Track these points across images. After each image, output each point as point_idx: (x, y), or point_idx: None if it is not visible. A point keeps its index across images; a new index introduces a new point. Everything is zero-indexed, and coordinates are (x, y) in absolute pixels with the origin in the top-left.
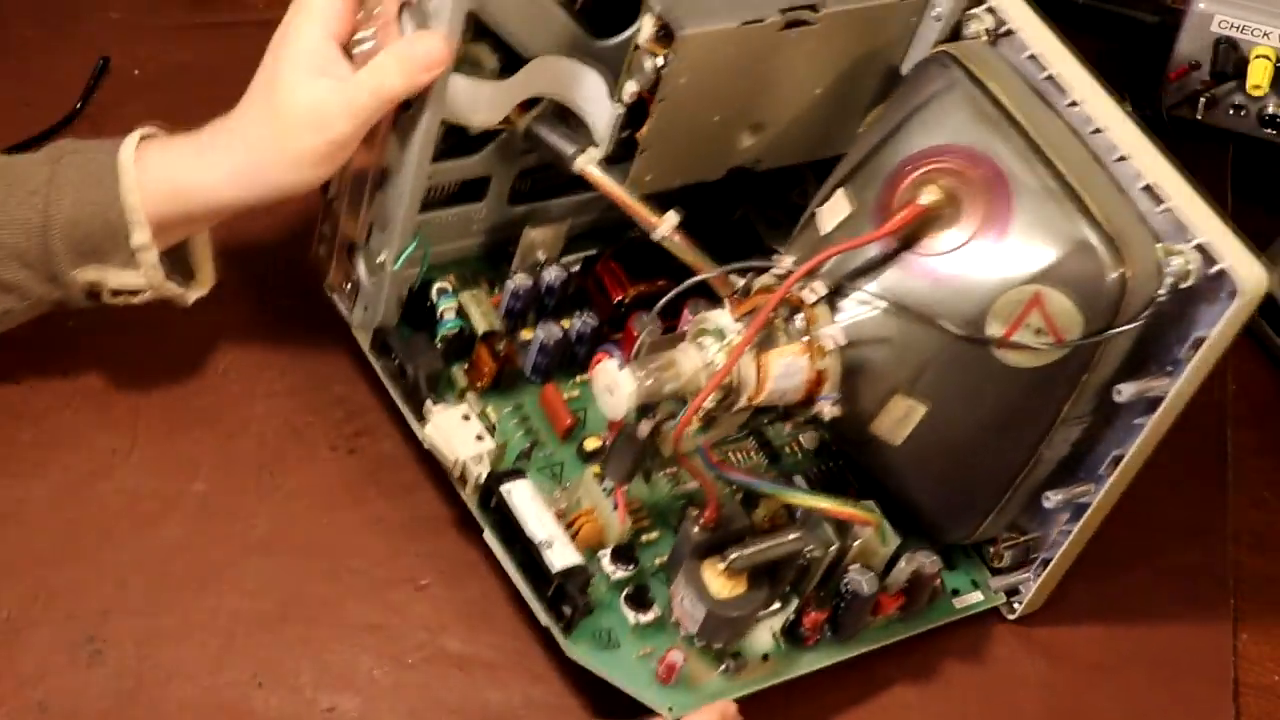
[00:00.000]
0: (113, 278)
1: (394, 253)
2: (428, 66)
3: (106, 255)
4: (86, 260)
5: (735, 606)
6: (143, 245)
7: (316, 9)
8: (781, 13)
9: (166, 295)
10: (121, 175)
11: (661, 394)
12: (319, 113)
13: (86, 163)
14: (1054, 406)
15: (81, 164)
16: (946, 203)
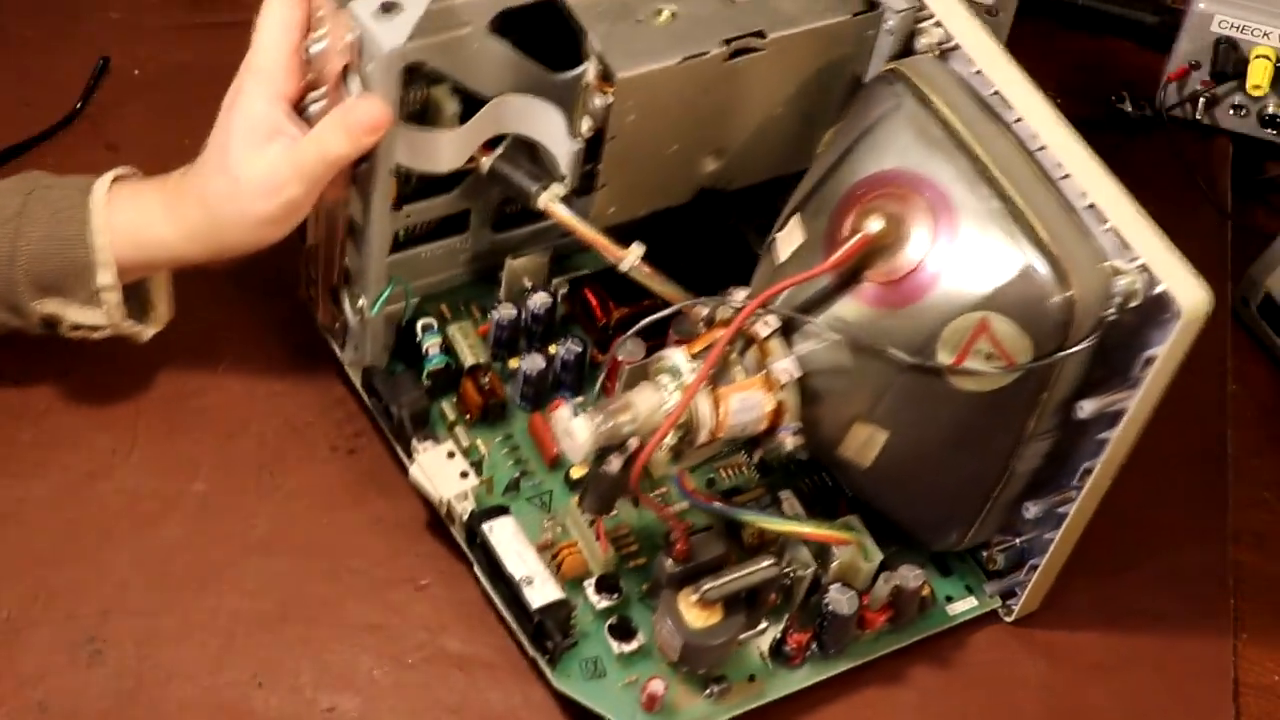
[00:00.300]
0: (73, 313)
1: (370, 299)
2: (370, 129)
3: (69, 291)
4: (48, 294)
5: (712, 635)
6: (106, 286)
7: (263, 73)
8: (725, 43)
9: (124, 333)
10: (92, 215)
11: (620, 435)
12: (270, 177)
13: (58, 199)
14: (1017, 425)
15: (53, 199)
16: (893, 231)
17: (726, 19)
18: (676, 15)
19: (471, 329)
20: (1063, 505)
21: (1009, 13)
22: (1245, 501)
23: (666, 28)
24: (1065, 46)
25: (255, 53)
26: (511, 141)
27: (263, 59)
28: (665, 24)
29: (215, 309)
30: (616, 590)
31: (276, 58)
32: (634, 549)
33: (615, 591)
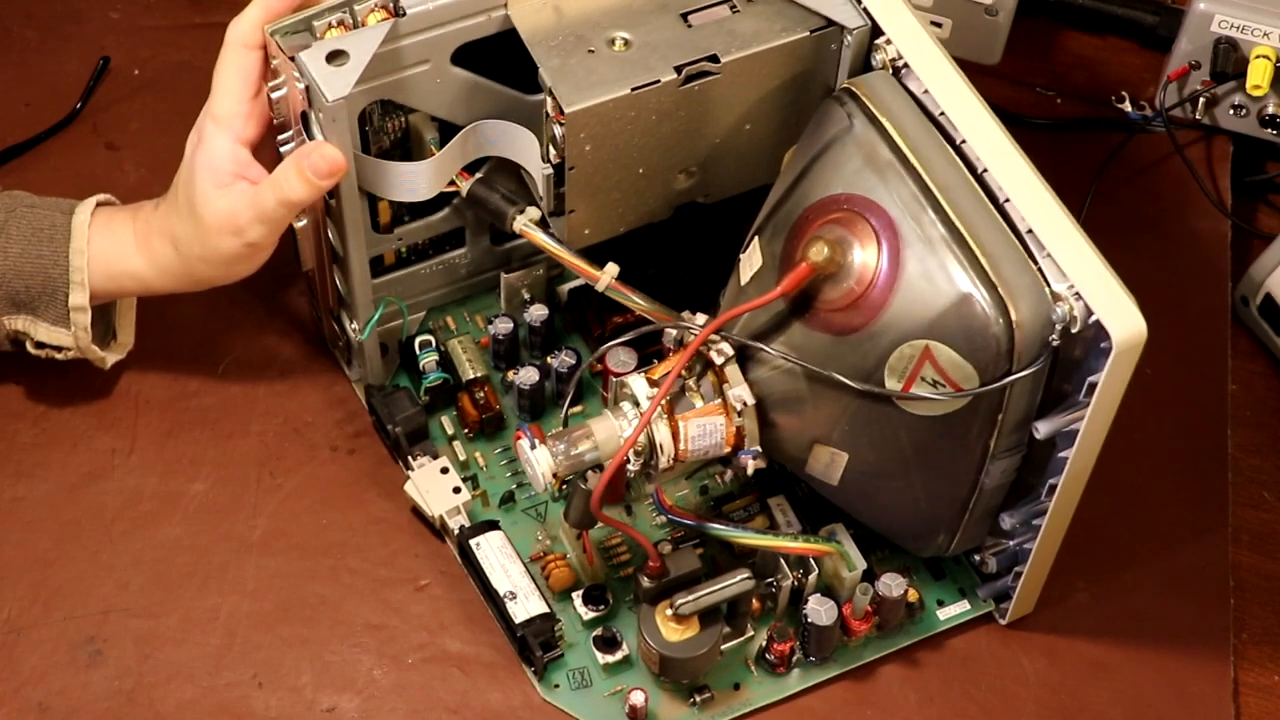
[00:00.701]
0: (41, 331)
1: (360, 323)
2: (326, 174)
3: (40, 309)
4: (19, 310)
5: (689, 648)
6: (79, 306)
7: (223, 119)
8: (677, 70)
9: (88, 356)
10: (73, 236)
11: (583, 463)
12: (233, 220)
13: (39, 218)
14: (977, 445)
15: (35, 219)
16: (838, 258)
17: (681, 44)
18: (630, 43)
19: (471, 343)
20: (1038, 516)
21: (1008, 13)
22: (1245, 501)
23: (619, 56)
24: (1065, 46)
25: (215, 99)
26: (493, 164)
27: (221, 105)
28: (619, 53)
29: (215, 309)
30: (603, 601)
31: (235, 104)
32: (624, 559)
33: (602, 603)
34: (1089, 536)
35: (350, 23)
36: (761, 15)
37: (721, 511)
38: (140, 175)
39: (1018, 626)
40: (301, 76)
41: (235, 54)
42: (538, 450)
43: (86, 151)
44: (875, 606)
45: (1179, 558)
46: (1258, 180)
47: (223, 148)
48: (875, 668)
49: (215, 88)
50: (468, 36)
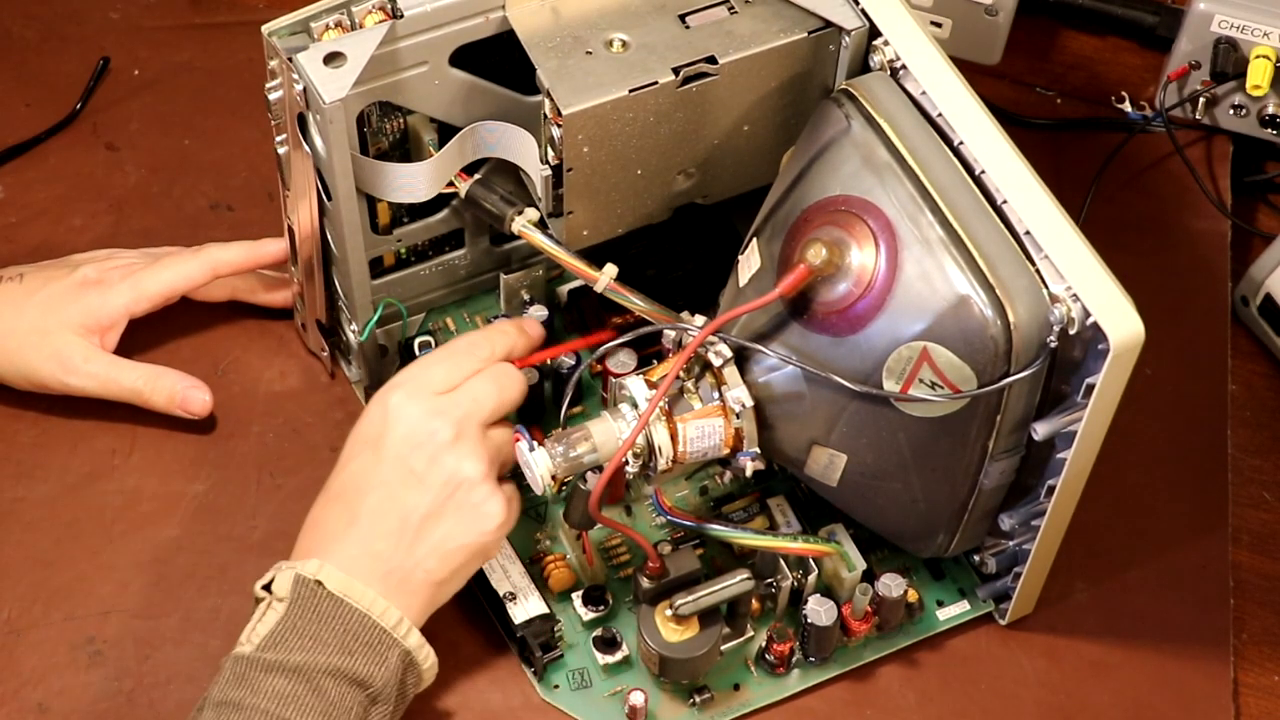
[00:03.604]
0: None
1: (360, 324)
2: (192, 414)
3: None
4: None
5: (688, 649)
6: None
7: (142, 297)
8: (675, 72)
9: None
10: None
11: (582, 465)
12: (70, 360)
13: None
14: (976, 446)
15: None
16: (836, 260)
17: (679, 45)
18: (628, 44)
19: None
20: (1037, 517)
21: (1008, 13)
22: (1245, 501)
23: (617, 58)
24: (1065, 46)
25: (149, 276)
26: (492, 165)
27: (150, 285)
28: (616, 54)
29: (215, 309)
30: (603, 602)
31: (158, 293)
32: (624, 560)
33: (602, 603)
34: (1089, 536)
35: (348, 24)
36: (759, 16)
37: (721, 512)
38: (140, 175)
39: (1017, 627)
40: (299, 78)
41: (197, 268)
42: (536, 452)
43: (86, 152)
44: (875, 607)
45: (1179, 558)
46: (1258, 180)
47: (117, 306)
48: (875, 668)
49: (159, 270)
50: (466, 38)
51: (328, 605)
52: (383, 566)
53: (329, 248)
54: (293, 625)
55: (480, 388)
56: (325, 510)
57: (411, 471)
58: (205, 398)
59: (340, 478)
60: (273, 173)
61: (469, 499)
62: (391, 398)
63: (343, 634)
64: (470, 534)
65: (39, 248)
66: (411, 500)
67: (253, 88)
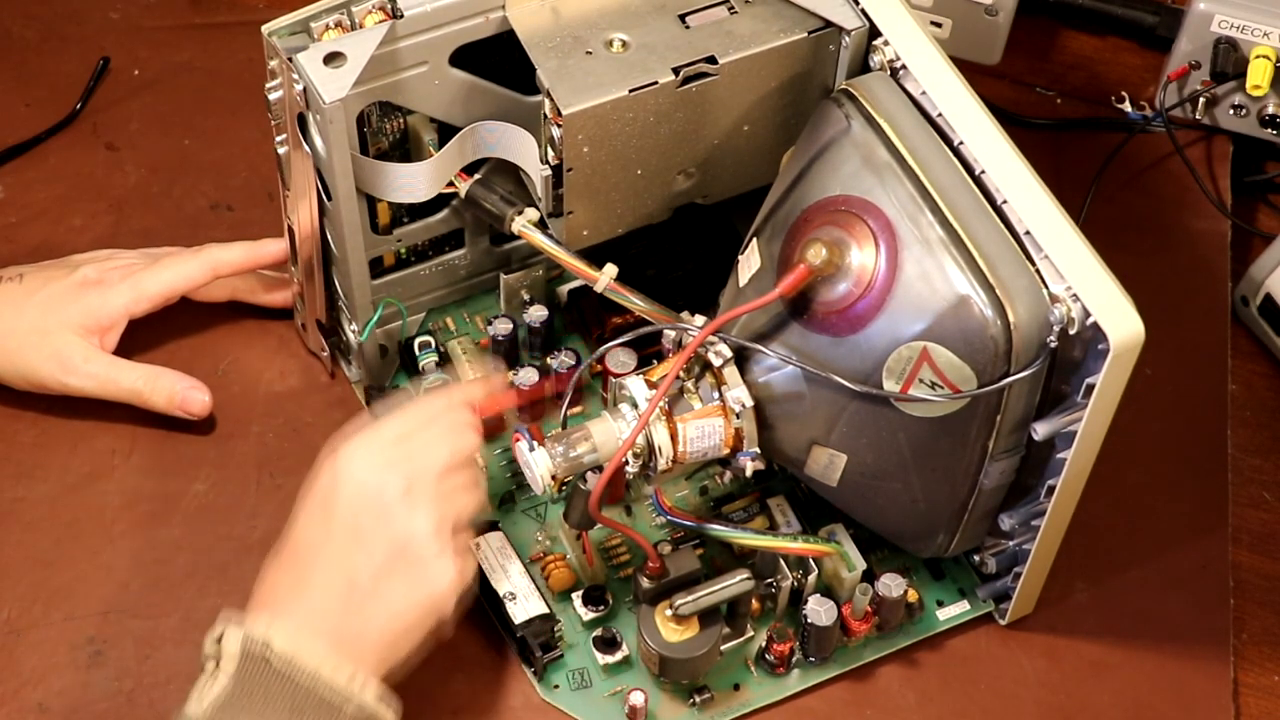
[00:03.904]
0: None
1: (360, 324)
2: (191, 414)
3: None
4: None
5: (688, 648)
6: None
7: (142, 297)
8: (675, 72)
9: None
10: None
11: (582, 465)
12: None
13: None
14: (975, 446)
15: None
16: (836, 260)
17: (679, 45)
18: (628, 44)
19: (471, 344)
20: (1037, 517)
21: (1008, 13)
22: (1245, 501)
23: (617, 58)
24: (1065, 46)
25: (150, 276)
26: (492, 165)
27: (150, 285)
28: (616, 54)
29: (215, 310)
30: (603, 602)
31: (158, 293)
32: (624, 560)
33: (602, 603)
34: (1089, 536)
35: (348, 24)
36: (759, 16)
37: (721, 512)
38: (140, 175)
39: (1017, 627)
40: (299, 78)
41: (197, 268)
42: (536, 452)
43: (86, 151)
44: (875, 607)
45: (1179, 558)
46: (1258, 180)
47: (117, 306)
48: (875, 668)
49: (159, 270)
50: (466, 38)
51: (272, 679)
52: (332, 628)
53: (329, 248)
54: (242, 688)
55: (432, 436)
56: (277, 572)
57: (359, 531)
58: (205, 398)
59: (291, 538)
60: (273, 173)
61: (418, 557)
62: (341, 453)
63: (293, 695)
64: (419, 593)
65: (39, 248)
66: (359, 561)
67: (253, 88)
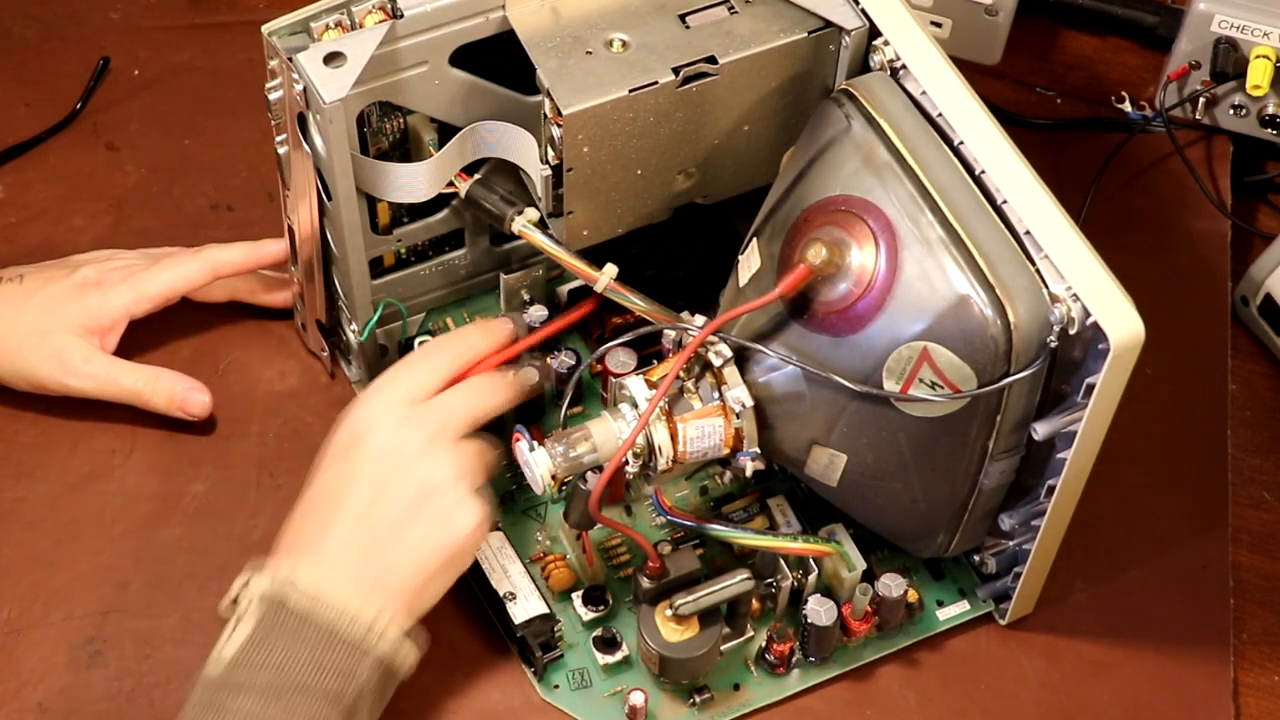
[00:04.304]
0: None
1: (360, 324)
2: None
3: None
4: None
5: (688, 648)
6: None
7: (142, 297)
8: (675, 72)
9: None
10: None
11: (582, 465)
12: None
13: None
14: (975, 446)
15: None
16: (836, 260)
17: (679, 45)
18: (628, 44)
19: None
20: (1037, 517)
21: (1008, 13)
22: (1245, 501)
23: (617, 58)
24: (1065, 46)
25: (150, 276)
26: (492, 165)
27: (150, 286)
28: (616, 54)
29: (215, 310)
30: (603, 602)
31: (158, 294)
32: (624, 560)
33: (602, 603)
34: (1089, 536)
35: (348, 24)
36: (759, 16)
37: (721, 512)
38: (140, 175)
39: (1017, 627)
40: (299, 78)
41: (197, 269)
42: (536, 452)
43: (86, 152)
44: (875, 607)
45: (1179, 558)
46: (1258, 180)
47: (117, 307)
48: (875, 668)
49: (160, 271)
50: (466, 38)
51: (295, 621)
52: (356, 574)
53: (329, 248)
54: (261, 642)
55: (453, 398)
56: (299, 521)
57: (383, 480)
58: (205, 399)
59: (314, 488)
60: (273, 173)
61: (440, 505)
62: (363, 409)
63: (313, 648)
64: (442, 540)
65: (39, 248)
66: (383, 508)
67: (253, 88)
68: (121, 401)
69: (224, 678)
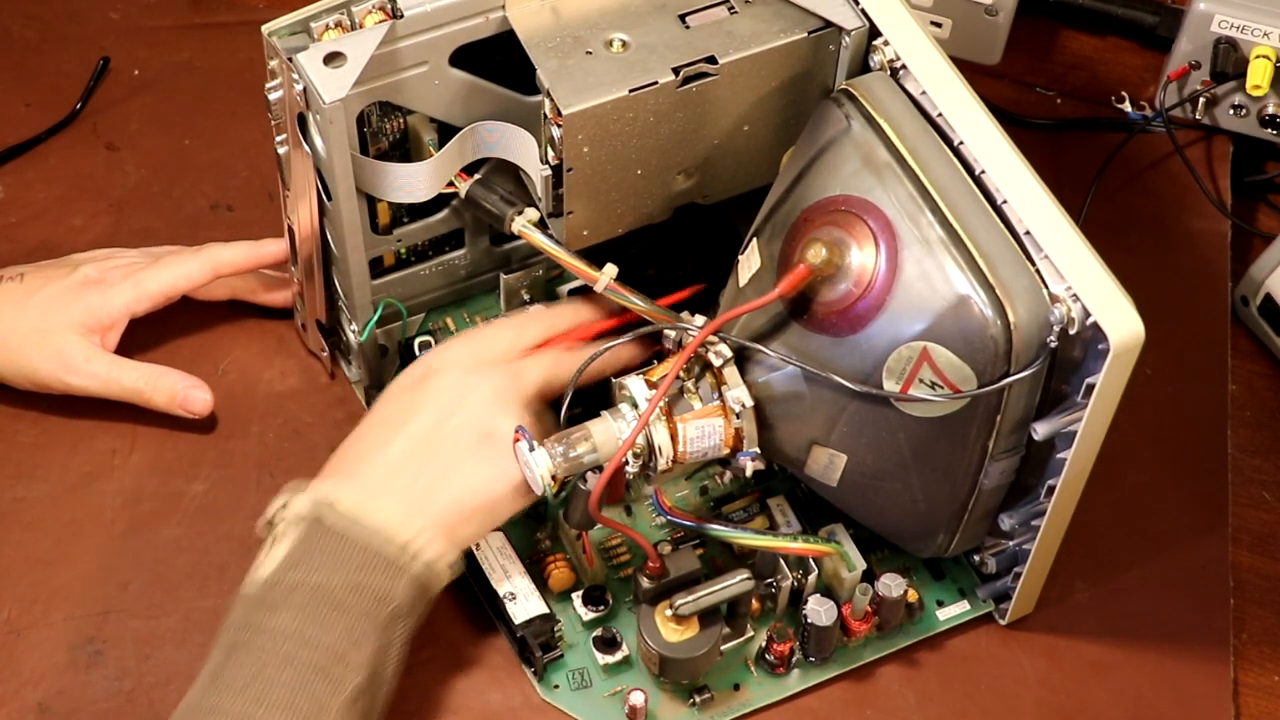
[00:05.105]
0: None
1: (360, 325)
2: (193, 413)
3: None
4: None
5: (688, 648)
6: None
7: (143, 295)
8: (675, 72)
9: None
10: None
11: (582, 465)
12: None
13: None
14: (975, 446)
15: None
16: (836, 260)
17: (679, 45)
18: (628, 44)
19: None
20: (1037, 517)
21: (1008, 13)
22: (1245, 501)
23: (617, 58)
24: (1065, 46)
25: (151, 274)
26: (492, 165)
27: (151, 283)
28: (616, 54)
29: (215, 309)
30: (603, 602)
31: (160, 290)
32: (624, 560)
33: (602, 603)
34: (1089, 536)
35: (348, 24)
36: (759, 16)
37: (721, 512)
38: (140, 175)
39: (1017, 627)
40: (299, 78)
41: (198, 268)
42: (536, 452)
43: (86, 152)
44: (875, 607)
45: (1179, 558)
46: (1258, 180)
47: (118, 305)
48: (875, 668)
49: (160, 269)
50: (466, 38)
51: (333, 540)
52: (400, 495)
53: (329, 248)
54: (306, 548)
55: (529, 363)
56: (355, 442)
57: (446, 415)
58: (206, 397)
59: (375, 414)
60: (273, 173)
61: (494, 451)
62: (440, 352)
63: (349, 566)
64: (491, 483)
65: (39, 248)
66: (441, 440)
67: (253, 88)
68: (123, 400)
69: (260, 596)
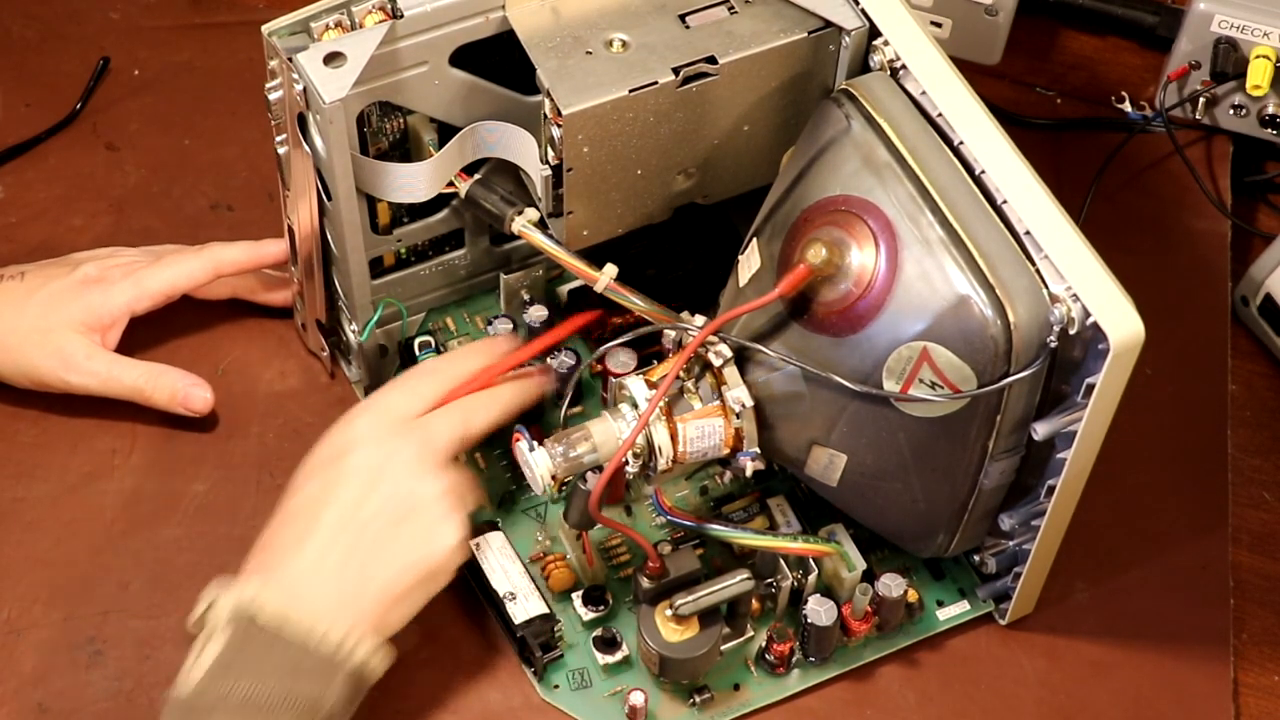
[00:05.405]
0: None
1: (360, 325)
2: (193, 411)
3: None
4: None
5: (688, 649)
6: None
7: (145, 294)
8: (675, 72)
9: None
10: None
11: (582, 465)
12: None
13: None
14: (975, 446)
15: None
16: (836, 260)
17: (679, 45)
18: (628, 44)
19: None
20: (1037, 517)
21: (1008, 13)
22: (1245, 501)
23: (617, 58)
24: (1065, 46)
25: (153, 272)
26: (492, 165)
27: (153, 282)
28: (616, 54)
29: (216, 309)
30: (603, 602)
31: (162, 289)
32: (624, 560)
33: (602, 603)
34: (1089, 536)
35: (348, 24)
36: (759, 16)
37: (721, 512)
38: (140, 175)
39: (1017, 627)
40: (299, 78)
41: (199, 267)
42: (536, 452)
43: (86, 151)
44: (875, 607)
45: (1179, 558)
46: (1258, 180)
47: (119, 304)
48: (875, 668)
49: (161, 268)
50: (466, 38)
51: (264, 642)
52: (328, 590)
53: (329, 248)
54: (236, 652)
55: (440, 418)
56: (277, 531)
57: (365, 493)
58: (207, 395)
59: (293, 501)
60: (273, 173)
61: (421, 522)
62: (348, 426)
63: (289, 655)
64: (424, 553)
65: (39, 248)
66: (364, 519)
67: (253, 88)
68: (123, 398)
69: (192, 700)
